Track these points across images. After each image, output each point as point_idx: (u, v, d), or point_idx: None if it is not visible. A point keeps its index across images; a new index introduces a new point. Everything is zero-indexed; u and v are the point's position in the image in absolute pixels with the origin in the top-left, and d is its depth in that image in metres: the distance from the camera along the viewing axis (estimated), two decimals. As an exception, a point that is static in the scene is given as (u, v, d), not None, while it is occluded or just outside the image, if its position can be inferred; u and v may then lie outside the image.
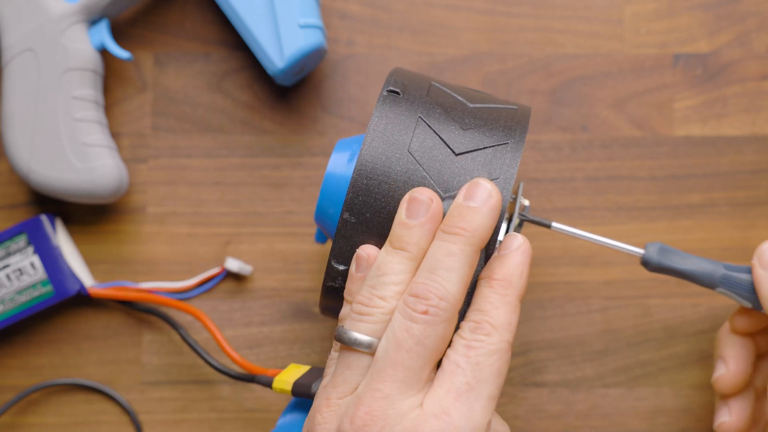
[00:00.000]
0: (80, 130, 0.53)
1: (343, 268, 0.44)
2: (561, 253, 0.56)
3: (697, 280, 0.48)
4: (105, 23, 0.54)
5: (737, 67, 0.57)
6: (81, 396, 0.56)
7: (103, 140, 0.54)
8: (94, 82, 0.54)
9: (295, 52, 0.53)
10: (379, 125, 0.43)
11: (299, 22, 0.53)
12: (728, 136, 0.57)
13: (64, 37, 0.53)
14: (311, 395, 0.45)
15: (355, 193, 0.43)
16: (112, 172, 0.54)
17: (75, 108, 0.53)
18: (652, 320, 0.56)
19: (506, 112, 0.45)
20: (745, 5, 0.57)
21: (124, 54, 0.54)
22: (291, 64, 0.53)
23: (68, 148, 0.53)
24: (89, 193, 0.54)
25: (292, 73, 0.54)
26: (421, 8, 0.58)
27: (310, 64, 0.55)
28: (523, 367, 0.56)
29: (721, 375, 0.50)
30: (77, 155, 0.53)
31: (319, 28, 0.53)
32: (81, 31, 0.54)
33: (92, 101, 0.54)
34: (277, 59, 0.53)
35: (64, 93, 0.53)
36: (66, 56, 0.53)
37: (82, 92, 0.53)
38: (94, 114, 0.54)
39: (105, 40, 0.54)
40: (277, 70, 0.53)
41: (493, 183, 0.41)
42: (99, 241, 0.57)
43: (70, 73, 0.53)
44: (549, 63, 0.57)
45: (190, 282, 0.56)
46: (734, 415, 0.50)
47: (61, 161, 0.53)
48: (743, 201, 0.57)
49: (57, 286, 0.54)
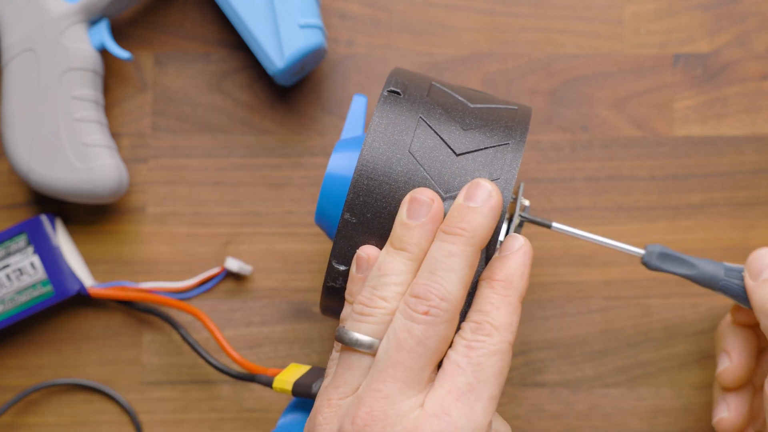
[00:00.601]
0: (80, 130, 0.53)
1: (343, 268, 0.44)
2: (561, 253, 0.56)
3: (698, 282, 0.48)
4: (105, 23, 0.54)
5: (737, 67, 0.57)
6: (81, 396, 0.56)
7: (103, 140, 0.54)
8: (94, 82, 0.54)
9: (295, 52, 0.53)
10: (380, 125, 0.43)
11: (299, 22, 0.53)
12: (728, 136, 0.57)
13: (64, 37, 0.53)
14: (312, 395, 0.45)
15: (355, 193, 0.43)
16: (112, 172, 0.54)
17: (75, 108, 0.53)
18: (652, 320, 0.56)
19: (507, 112, 0.45)
20: (745, 5, 0.57)
21: (124, 54, 0.54)
22: (291, 64, 0.53)
23: (68, 148, 0.53)
24: (89, 193, 0.53)
25: (292, 73, 0.54)
26: (421, 8, 0.58)
27: (310, 64, 0.55)
28: (523, 367, 0.56)
29: (725, 368, 0.50)
30: (77, 155, 0.53)
31: (319, 28, 0.53)
32: (81, 31, 0.54)
33: (92, 101, 0.54)
34: (277, 59, 0.53)
35: (64, 93, 0.53)
36: (66, 56, 0.53)
37: (82, 92, 0.53)
38: (94, 114, 0.54)
39: (105, 40, 0.54)
40: (277, 70, 0.53)
41: (493, 183, 0.41)
42: (99, 241, 0.57)
43: (70, 73, 0.53)
44: (549, 63, 0.57)
45: (190, 282, 0.56)
46: (733, 411, 0.50)
47: (61, 161, 0.53)
48: (743, 201, 0.57)
49: (57, 286, 0.54)
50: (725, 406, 0.50)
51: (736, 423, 0.50)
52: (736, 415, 0.50)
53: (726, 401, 0.50)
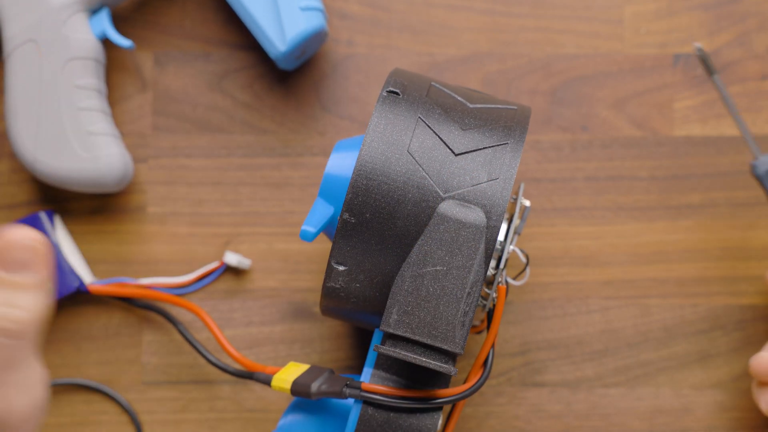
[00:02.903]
0: (84, 119, 0.53)
1: (343, 268, 0.44)
2: (561, 253, 0.56)
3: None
4: (106, 12, 0.55)
5: (737, 67, 0.57)
6: (81, 396, 0.56)
7: (108, 129, 0.54)
8: (97, 71, 0.54)
9: (297, 35, 0.53)
10: (379, 125, 0.43)
11: (300, 5, 0.53)
12: (728, 136, 0.57)
13: (65, 27, 0.53)
14: (310, 394, 0.45)
15: (354, 193, 0.43)
16: (117, 160, 0.54)
17: (78, 97, 0.53)
18: (652, 320, 0.56)
19: (506, 112, 0.45)
20: (745, 5, 0.57)
21: (125, 42, 0.54)
22: (293, 47, 0.53)
23: (73, 137, 0.53)
24: (95, 182, 0.54)
25: (294, 57, 0.55)
26: (421, 8, 0.58)
27: (311, 48, 0.55)
28: (523, 367, 0.56)
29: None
30: (82, 144, 0.53)
31: (319, 10, 0.53)
32: (82, 21, 0.54)
33: (95, 90, 0.54)
34: (279, 42, 0.53)
35: (67, 82, 0.53)
36: (68, 46, 0.53)
37: (84, 81, 0.53)
38: (97, 103, 0.54)
39: (106, 29, 0.54)
40: (280, 53, 0.53)
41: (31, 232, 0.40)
42: (99, 241, 0.57)
43: (72, 63, 0.53)
44: (549, 63, 0.57)
45: (189, 277, 0.56)
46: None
47: (67, 151, 0.53)
48: (743, 201, 0.57)
49: (56, 282, 0.54)
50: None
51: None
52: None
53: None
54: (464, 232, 0.42)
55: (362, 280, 0.44)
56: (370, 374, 0.45)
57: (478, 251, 0.42)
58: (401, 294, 0.43)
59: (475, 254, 0.42)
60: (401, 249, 0.43)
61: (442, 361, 0.43)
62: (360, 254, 0.43)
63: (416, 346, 0.43)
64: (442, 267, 0.42)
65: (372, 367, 0.45)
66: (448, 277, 0.42)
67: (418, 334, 0.42)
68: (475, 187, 0.43)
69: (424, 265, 0.43)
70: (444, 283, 0.42)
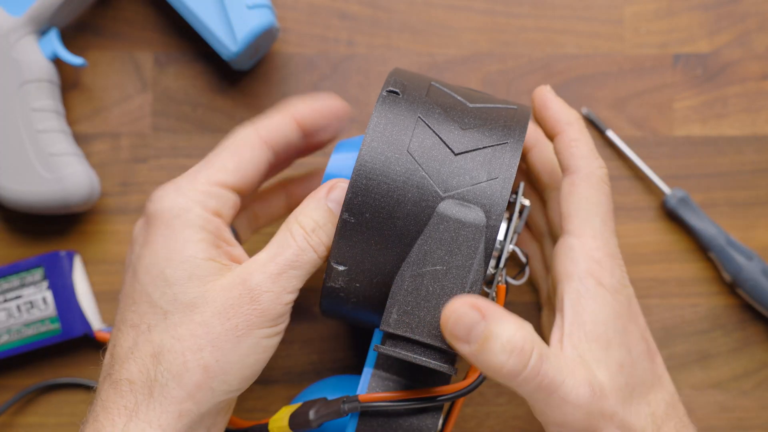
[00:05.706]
0: (45, 141, 0.53)
1: (343, 268, 0.44)
2: (561, 253, 0.56)
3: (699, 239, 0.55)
4: (55, 32, 0.54)
5: (737, 67, 0.57)
6: (81, 396, 0.56)
7: (69, 148, 0.54)
8: (52, 92, 0.54)
9: (248, 34, 0.53)
10: (379, 125, 0.43)
11: (247, 3, 0.53)
12: (728, 136, 0.57)
13: (14, 50, 0.53)
14: (310, 423, 0.45)
15: (354, 193, 0.43)
16: (82, 179, 0.53)
17: (36, 120, 0.53)
18: (652, 320, 0.56)
19: (506, 112, 0.45)
20: (745, 5, 0.57)
21: (77, 60, 0.54)
22: (245, 46, 0.53)
23: (35, 160, 0.53)
24: (62, 202, 0.53)
25: (247, 56, 0.54)
26: (421, 8, 0.58)
27: (264, 46, 0.55)
28: (523, 367, 0.56)
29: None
30: (45, 166, 0.53)
31: (267, 7, 0.53)
32: (32, 43, 0.53)
33: (52, 111, 0.54)
34: (230, 43, 0.53)
35: (23, 106, 0.53)
36: (20, 69, 0.53)
37: (40, 104, 0.53)
38: (56, 124, 0.54)
39: (57, 48, 0.54)
40: (232, 54, 0.53)
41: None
42: (99, 241, 0.57)
43: (26, 86, 0.53)
44: (549, 63, 0.57)
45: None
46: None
47: (30, 174, 0.53)
48: (743, 201, 0.57)
49: (65, 324, 0.54)
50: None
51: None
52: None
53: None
54: (464, 232, 0.42)
55: (362, 279, 0.44)
56: (369, 374, 0.45)
57: (477, 251, 0.42)
58: (401, 293, 0.43)
59: (475, 254, 0.42)
60: (401, 249, 0.43)
61: (441, 360, 0.43)
62: (360, 254, 0.43)
63: (416, 345, 0.43)
64: (441, 266, 0.42)
65: (372, 366, 0.45)
66: (448, 277, 0.42)
67: (417, 333, 0.42)
68: (474, 186, 0.43)
69: (423, 265, 0.43)
70: (444, 282, 0.42)
